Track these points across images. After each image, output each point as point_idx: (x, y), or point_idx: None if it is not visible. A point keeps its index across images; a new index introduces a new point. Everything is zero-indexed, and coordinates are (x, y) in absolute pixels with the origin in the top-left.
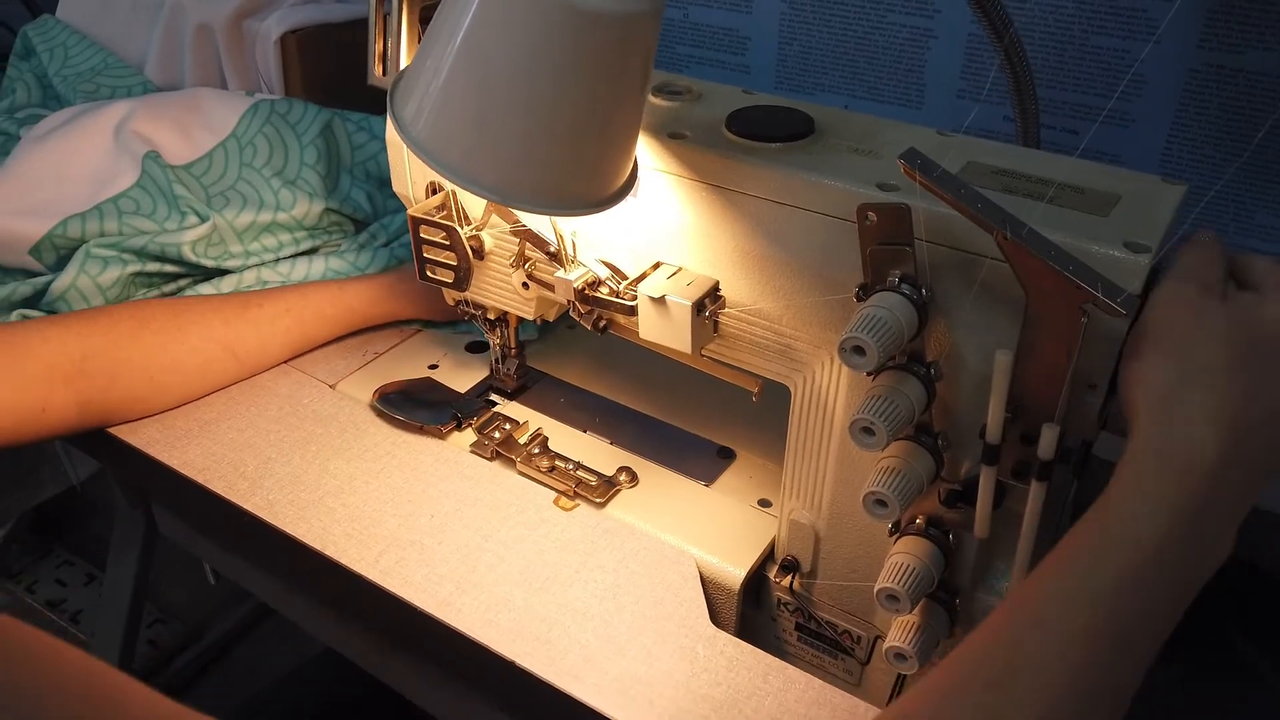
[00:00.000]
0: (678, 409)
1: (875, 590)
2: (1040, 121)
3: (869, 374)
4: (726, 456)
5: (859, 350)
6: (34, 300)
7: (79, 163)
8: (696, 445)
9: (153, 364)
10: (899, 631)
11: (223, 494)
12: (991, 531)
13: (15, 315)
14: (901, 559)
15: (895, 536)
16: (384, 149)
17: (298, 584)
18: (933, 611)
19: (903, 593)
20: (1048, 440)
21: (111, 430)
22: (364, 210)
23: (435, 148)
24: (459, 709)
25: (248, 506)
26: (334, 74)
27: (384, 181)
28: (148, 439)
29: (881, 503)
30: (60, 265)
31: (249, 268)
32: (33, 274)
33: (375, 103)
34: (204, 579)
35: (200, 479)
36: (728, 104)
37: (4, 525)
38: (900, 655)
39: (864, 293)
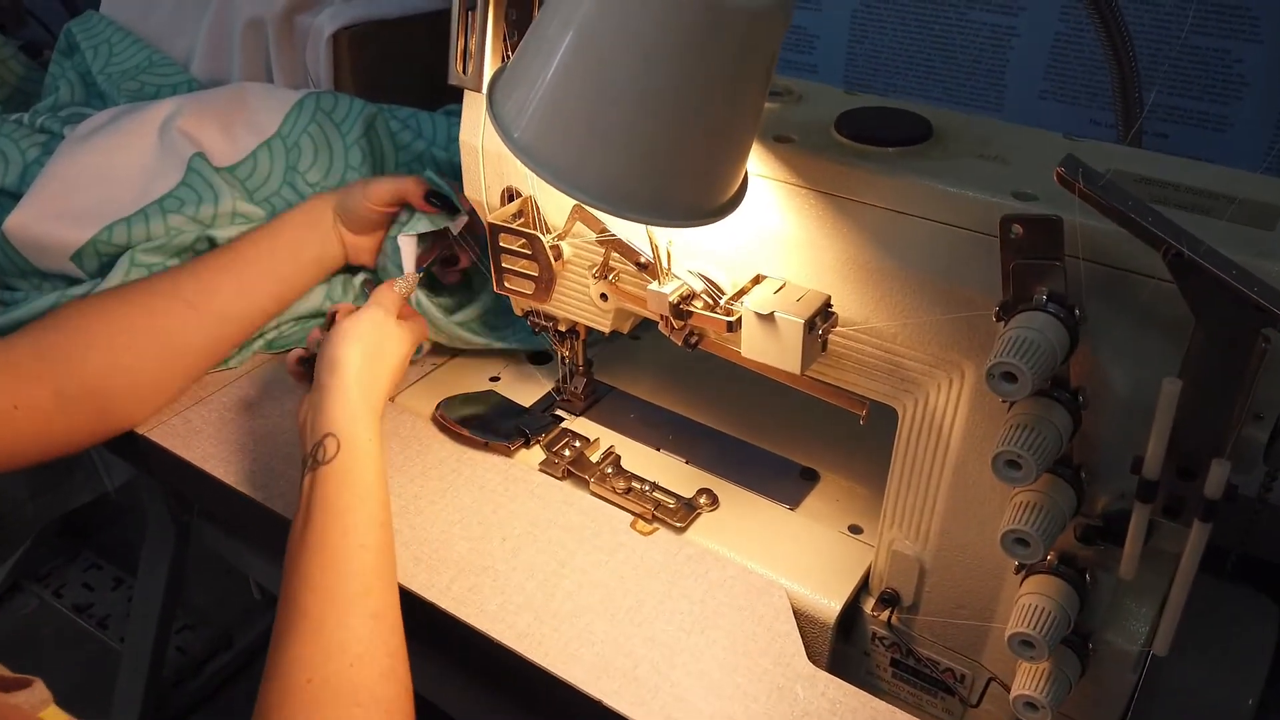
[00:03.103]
0: (754, 426)
1: (1007, 636)
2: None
3: (1007, 401)
4: (810, 478)
5: (1010, 377)
6: None
7: (123, 163)
8: (777, 465)
9: (107, 330)
10: (1029, 678)
11: (283, 513)
12: None
13: None
14: (1034, 600)
15: (1023, 574)
16: (428, 149)
17: None
18: (1063, 656)
19: (1040, 639)
20: (1216, 477)
21: (160, 442)
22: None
23: (540, 150)
24: None
25: None
26: (386, 72)
27: None
28: (202, 454)
29: (1023, 542)
30: (103, 272)
31: None
32: (73, 280)
33: (427, 102)
34: (233, 585)
35: (258, 497)
36: (832, 105)
37: (34, 530)
38: (1031, 704)
39: (1004, 312)
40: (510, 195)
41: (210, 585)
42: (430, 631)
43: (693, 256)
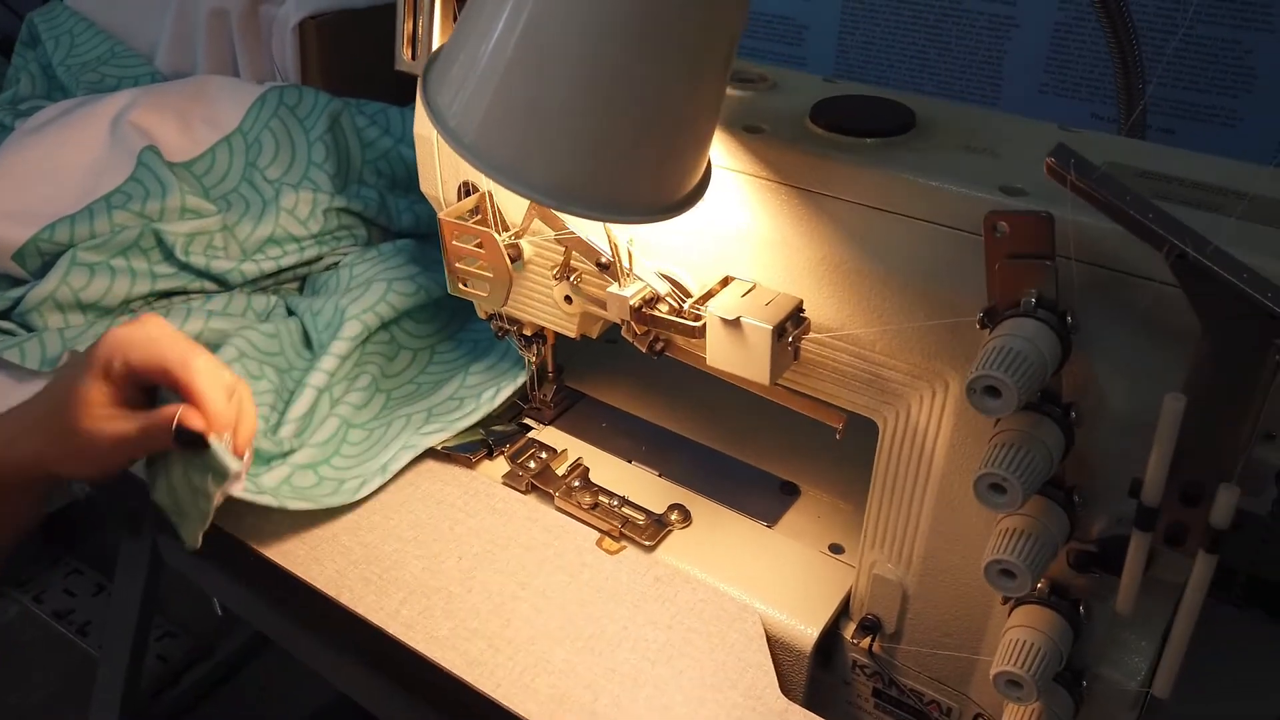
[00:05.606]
0: (733, 437)
1: (993, 675)
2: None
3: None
4: (790, 493)
5: (993, 392)
6: (7, 312)
7: (71, 159)
8: (755, 479)
9: None
10: (1017, 719)
11: (229, 530)
12: None
13: None
14: (1022, 635)
15: (1011, 604)
16: (396, 146)
17: (310, 624)
18: (1054, 694)
19: (1028, 678)
20: (1224, 505)
21: None
22: (374, 205)
23: (476, 141)
24: None
25: (254, 544)
26: (356, 65)
27: (395, 182)
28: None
29: (1008, 573)
30: (45, 272)
31: (246, 279)
32: (17, 281)
33: (400, 97)
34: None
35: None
36: (809, 93)
37: None
38: None
39: (989, 318)
40: (467, 190)
41: (191, 594)
42: (379, 649)
43: (658, 256)
